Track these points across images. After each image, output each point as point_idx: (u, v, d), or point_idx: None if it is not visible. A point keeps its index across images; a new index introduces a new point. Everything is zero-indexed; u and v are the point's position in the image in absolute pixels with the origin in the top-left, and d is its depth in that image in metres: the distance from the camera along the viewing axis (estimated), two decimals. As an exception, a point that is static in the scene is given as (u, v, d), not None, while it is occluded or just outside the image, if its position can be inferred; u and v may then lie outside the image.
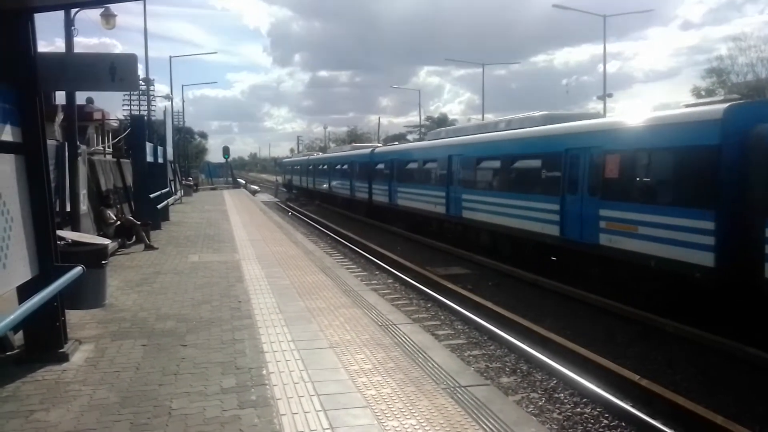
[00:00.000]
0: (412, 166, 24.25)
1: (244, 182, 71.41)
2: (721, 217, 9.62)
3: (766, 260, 8.78)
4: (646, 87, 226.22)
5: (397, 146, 31.55)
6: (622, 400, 7.04)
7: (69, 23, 12.48)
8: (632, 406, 6.87)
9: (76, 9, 12.88)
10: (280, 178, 77.88)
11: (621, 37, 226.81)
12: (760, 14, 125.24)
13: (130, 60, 7.28)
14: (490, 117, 42.36)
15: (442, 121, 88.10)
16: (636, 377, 7.59)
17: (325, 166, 42.12)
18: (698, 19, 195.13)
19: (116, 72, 7.05)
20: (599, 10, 36.81)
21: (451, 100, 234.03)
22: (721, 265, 9.59)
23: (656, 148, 11.25)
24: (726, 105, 10.09)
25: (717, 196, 9.70)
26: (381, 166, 28.50)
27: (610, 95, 30.10)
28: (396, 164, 26.11)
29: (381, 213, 28.62)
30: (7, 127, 5.78)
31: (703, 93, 41.13)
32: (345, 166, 35.81)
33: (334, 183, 39.06)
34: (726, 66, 44.87)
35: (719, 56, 47.29)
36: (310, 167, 48.31)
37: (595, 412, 6.95)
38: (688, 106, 12.25)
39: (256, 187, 64.79)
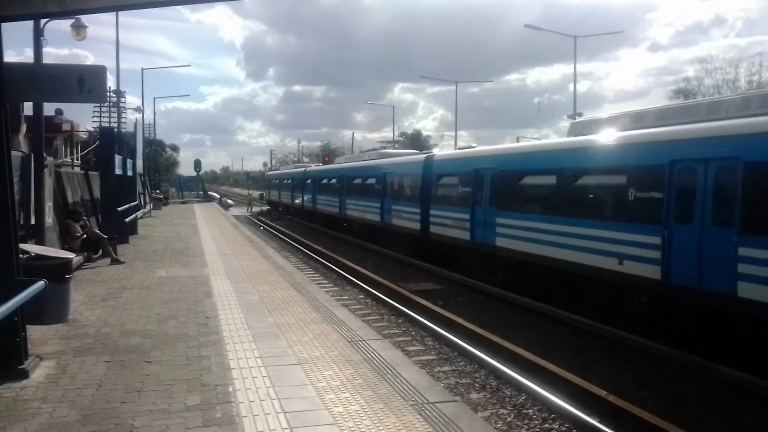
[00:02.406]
0: (539, 181, 14.07)
1: (219, 196, 69.11)
2: None
3: None
4: (616, 106, 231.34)
5: (488, 149, 18.47)
6: (590, 416, 7.08)
7: (38, 33, 12.29)
8: (600, 422, 6.92)
9: (46, 19, 12.71)
10: (254, 192, 76.66)
11: (592, 57, 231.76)
12: (724, 38, 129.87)
13: (99, 72, 7.24)
14: (462, 134, 42.18)
15: (416, 137, 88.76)
16: (603, 393, 7.66)
17: (334, 180, 32.18)
18: (666, 41, 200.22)
19: (85, 83, 6.99)
20: (570, 31, 37.74)
21: (425, 117, 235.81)
22: None
23: None
24: None
25: None
26: (452, 180, 18.63)
27: (580, 114, 30.62)
28: (491, 178, 15.99)
29: (449, 253, 18.59)
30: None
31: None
32: (371, 180, 25.89)
33: (349, 203, 29.04)
34: (693, 87, 46.51)
35: (686, 78, 49.23)
36: (308, 181, 38.21)
37: (564, 428, 6.98)
38: None
39: (230, 201, 63.42)
